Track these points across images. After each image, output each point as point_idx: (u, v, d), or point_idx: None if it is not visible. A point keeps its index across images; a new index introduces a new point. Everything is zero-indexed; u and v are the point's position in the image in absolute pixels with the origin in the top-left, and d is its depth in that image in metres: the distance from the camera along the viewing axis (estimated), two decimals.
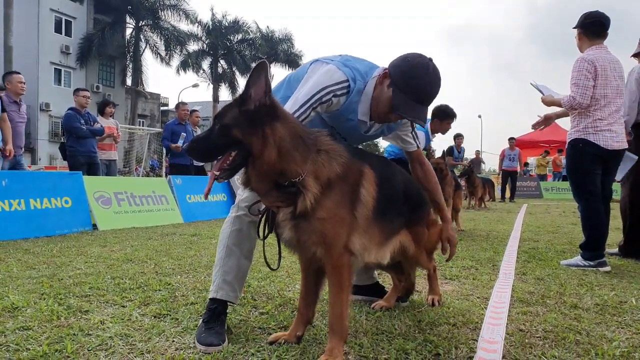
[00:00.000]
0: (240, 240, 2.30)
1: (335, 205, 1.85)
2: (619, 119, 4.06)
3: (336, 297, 1.91)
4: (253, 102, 1.76)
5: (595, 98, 3.97)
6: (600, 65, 3.95)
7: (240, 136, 1.74)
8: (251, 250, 2.36)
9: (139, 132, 25.23)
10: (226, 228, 2.33)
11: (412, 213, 2.36)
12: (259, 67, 1.77)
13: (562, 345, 2.09)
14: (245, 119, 1.75)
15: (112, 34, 31.82)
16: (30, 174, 6.49)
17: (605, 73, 3.96)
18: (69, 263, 3.92)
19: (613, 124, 3.99)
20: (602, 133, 3.98)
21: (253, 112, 1.76)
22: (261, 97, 1.76)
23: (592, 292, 3.09)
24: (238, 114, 1.77)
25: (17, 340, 2.09)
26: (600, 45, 4.09)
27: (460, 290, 3.11)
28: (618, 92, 4.03)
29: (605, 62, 3.98)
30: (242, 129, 1.74)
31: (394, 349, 2.02)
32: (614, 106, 4.00)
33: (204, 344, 2.02)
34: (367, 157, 2.08)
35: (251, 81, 1.77)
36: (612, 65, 4.00)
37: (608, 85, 3.97)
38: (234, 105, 1.82)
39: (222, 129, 1.77)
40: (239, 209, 2.31)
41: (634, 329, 2.33)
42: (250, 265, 2.38)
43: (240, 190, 2.30)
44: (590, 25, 4.11)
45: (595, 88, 3.95)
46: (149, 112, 40.66)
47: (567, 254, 4.61)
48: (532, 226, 7.59)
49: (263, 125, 1.74)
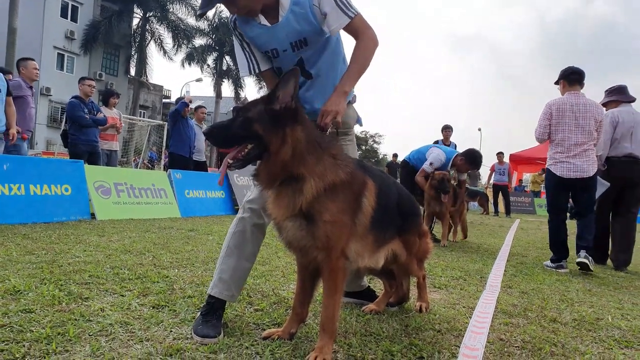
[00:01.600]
0: (241, 242, 2.39)
1: (340, 211, 1.97)
2: (583, 152, 4.85)
3: (330, 299, 2.02)
4: (279, 103, 1.90)
5: (552, 135, 4.98)
6: (557, 109, 4.94)
7: (261, 131, 1.88)
8: (253, 252, 2.44)
9: (139, 122, 25.27)
10: (231, 227, 2.44)
11: (404, 223, 2.47)
12: (290, 73, 1.91)
13: (538, 356, 2.21)
14: (269, 117, 1.90)
15: (118, 22, 31.80)
16: (31, 160, 6.56)
17: (563, 114, 4.90)
18: (67, 250, 4.01)
19: (573, 157, 4.86)
20: (561, 164, 4.92)
21: (278, 112, 1.90)
22: (288, 101, 1.90)
23: (571, 307, 3.21)
24: (263, 111, 1.91)
25: (21, 322, 2.19)
26: (576, 92, 5.01)
27: (448, 299, 3.23)
28: (580, 130, 4.86)
29: (567, 105, 4.91)
30: (264, 126, 1.88)
31: (381, 350, 2.14)
32: (572, 141, 4.86)
33: (200, 336, 2.13)
34: (369, 169, 2.21)
35: (281, 84, 1.91)
36: (576, 108, 4.89)
37: (565, 124, 4.89)
38: (259, 102, 1.96)
39: (244, 122, 1.91)
40: (244, 210, 2.42)
41: (607, 345, 2.46)
42: (250, 267, 2.46)
43: (250, 189, 2.42)
44: (570, 75, 5.09)
45: (551, 127, 4.98)
46: (151, 103, 40.67)
47: (554, 271, 4.77)
48: (523, 241, 7.73)
49: (284, 126, 1.89)
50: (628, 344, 2.51)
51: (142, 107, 37.92)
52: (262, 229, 2.43)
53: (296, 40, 2.35)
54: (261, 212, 2.37)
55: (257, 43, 2.42)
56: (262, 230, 2.44)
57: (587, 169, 4.85)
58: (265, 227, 2.44)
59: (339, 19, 2.28)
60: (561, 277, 4.39)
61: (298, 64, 2.40)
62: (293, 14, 2.29)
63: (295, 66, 2.03)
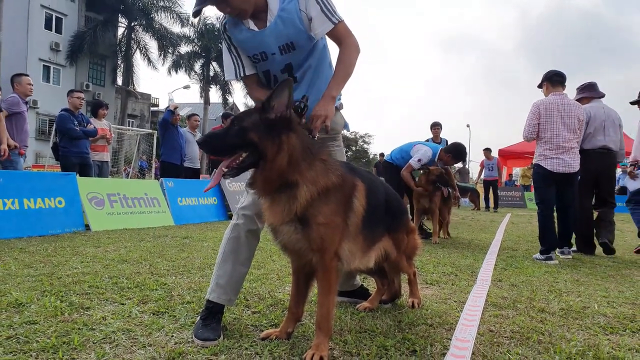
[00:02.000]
0: (236, 248, 2.47)
1: (333, 213, 2.06)
2: (570, 149, 5.19)
3: (324, 298, 2.11)
4: (274, 113, 1.98)
5: (541, 133, 5.25)
6: (545, 108, 5.23)
7: (257, 140, 1.95)
8: (249, 257, 2.52)
9: (128, 132, 25.19)
10: (226, 234, 2.52)
11: (392, 221, 2.57)
12: (284, 83, 1.99)
13: (526, 344, 2.31)
14: (265, 126, 1.97)
15: (103, 32, 31.75)
16: (24, 174, 6.58)
17: (551, 114, 5.20)
18: (65, 262, 4.06)
19: (562, 153, 5.16)
20: (550, 160, 5.19)
21: (273, 121, 1.97)
22: (282, 110, 1.98)
23: (559, 297, 3.32)
24: (258, 120, 1.98)
25: (26, 333, 2.25)
26: (560, 93, 5.34)
27: (440, 294, 3.33)
28: (566, 129, 5.17)
29: (554, 105, 5.22)
30: (260, 134, 1.95)
31: (375, 346, 2.23)
32: (560, 138, 5.15)
33: (201, 339, 2.21)
34: (357, 171, 2.30)
35: (275, 94, 1.98)
36: (562, 107, 5.20)
37: (554, 123, 5.18)
38: (254, 112, 2.03)
39: (239, 131, 1.97)
40: (238, 217, 2.49)
41: (592, 331, 2.56)
42: (246, 271, 2.54)
43: (242, 196, 2.49)
44: (553, 77, 5.44)
45: (540, 125, 5.25)
46: (139, 112, 40.55)
47: (543, 263, 4.89)
48: (513, 235, 7.86)
49: (280, 134, 1.96)
50: (613, 329, 2.62)
51: (131, 117, 37.80)
52: (256, 234, 2.51)
53: (284, 44, 2.44)
54: (254, 218, 2.45)
55: (245, 46, 2.49)
56: (256, 235, 2.52)
57: (573, 165, 5.21)
58: (259, 232, 2.52)
59: (323, 24, 2.40)
60: (550, 269, 4.51)
61: (287, 68, 2.49)
62: (280, 19, 2.39)
63: (289, 77, 2.10)
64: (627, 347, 2.34)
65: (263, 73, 2.56)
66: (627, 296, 3.44)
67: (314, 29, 2.41)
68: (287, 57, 2.47)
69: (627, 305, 3.16)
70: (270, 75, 2.54)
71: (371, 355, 2.12)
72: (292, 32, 2.41)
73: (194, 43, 36.50)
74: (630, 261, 5.22)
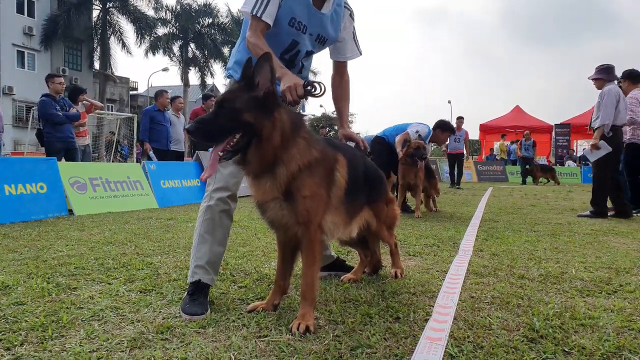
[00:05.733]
0: (212, 228, 2.48)
1: (317, 186, 2.09)
2: None
3: (309, 269, 2.17)
4: (261, 90, 1.97)
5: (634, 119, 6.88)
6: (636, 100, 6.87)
7: (253, 120, 1.93)
8: (224, 236, 2.54)
9: (108, 116, 24.84)
10: (199, 217, 2.53)
11: (371, 191, 2.63)
12: (264, 57, 1.98)
13: (506, 308, 2.39)
14: (256, 105, 1.95)
15: (78, 15, 31.05)
16: (4, 160, 6.50)
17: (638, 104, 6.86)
18: (49, 246, 4.05)
19: None
20: None
21: (262, 99, 1.96)
22: (268, 86, 1.97)
23: (539, 264, 3.42)
24: (249, 99, 1.96)
25: (14, 313, 2.27)
26: None
27: (422, 265, 3.41)
28: None
29: None
30: (254, 114, 1.94)
31: (360, 314, 2.29)
32: None
33: (188, 314, 2.24)
34: (337, 145, 2.34)
35: (257, 70, 1.97)
36: None
37: None
38: (239, 90, 2.01)
39: (232, 113, 1.94)
40: (210, 199, 2.50)
41: (569, 295, 2.66)
42: (223, 250, 2.57)
43: (211, 178, 2.46)
44: (636, 75, 7.08)
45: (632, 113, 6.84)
46: (118, 96, 39.95)
47: (523, 233, 4.99)
48: (494, 208, 8.00)
49: (272, 111, 1.96)
50: (589, 292, 2.72)
51: (110, 101, 37.22)
52: (229, 214, 2.53)
53: (323, 36, 2.56)
54: (227, 200, 2.47)
55: (294, 8, 2.43)
56: (229, 215, 2.53)
57: None
58: (232, 212, 2.54)
59: (353, 51, 2.72)
60: (530, 238, 4.61)
61: (307, 54, 2.63)
62: (336, 14, 2.55)
63: (267, 52, 2.08)
64: (602, 307, 2.43)
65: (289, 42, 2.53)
66: (604, 261, 3.55)
67: (343, 51, 2.68)
68: (313, 46, 2.59)
69: (603, 270, 3.27)
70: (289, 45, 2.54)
71: (356, 323, 2.17)
72: (332, 33, 2.57)
73: (170, 24, 35.90)
74: (608, 229, 5.36)
